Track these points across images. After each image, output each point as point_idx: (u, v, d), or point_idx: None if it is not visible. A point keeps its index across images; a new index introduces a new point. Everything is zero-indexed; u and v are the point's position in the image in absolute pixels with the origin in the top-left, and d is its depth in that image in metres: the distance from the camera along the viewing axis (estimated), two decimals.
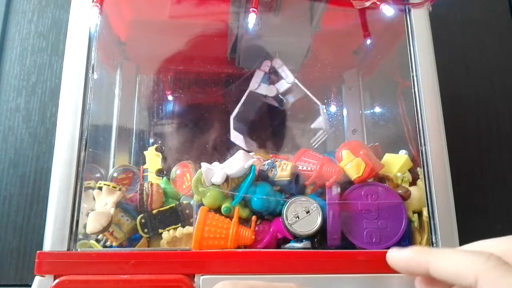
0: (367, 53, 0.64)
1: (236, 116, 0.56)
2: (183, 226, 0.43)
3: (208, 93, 0.65)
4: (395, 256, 0.32)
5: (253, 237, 0.40)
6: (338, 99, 0.67)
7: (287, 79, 0.58)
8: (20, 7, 0.72)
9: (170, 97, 0.66)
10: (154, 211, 0.44)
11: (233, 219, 0.41)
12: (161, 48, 0.63)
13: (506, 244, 0.28)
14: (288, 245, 0.41)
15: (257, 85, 0.58)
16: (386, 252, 0.39)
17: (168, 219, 0.44)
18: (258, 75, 0.58)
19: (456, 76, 0.72)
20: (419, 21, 0.47)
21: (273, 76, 0.59)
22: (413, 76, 0.45)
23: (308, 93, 0.58)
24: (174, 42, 0.62)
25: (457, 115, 0.69)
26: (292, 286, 0.30)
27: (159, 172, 0.51)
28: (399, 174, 0.44)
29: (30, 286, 0.37)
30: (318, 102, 0.57)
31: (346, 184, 0.43)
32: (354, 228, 0.41)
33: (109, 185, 0.45)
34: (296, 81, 0.58)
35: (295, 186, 0.44)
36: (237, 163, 0.42)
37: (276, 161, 0.44)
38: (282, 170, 0.43)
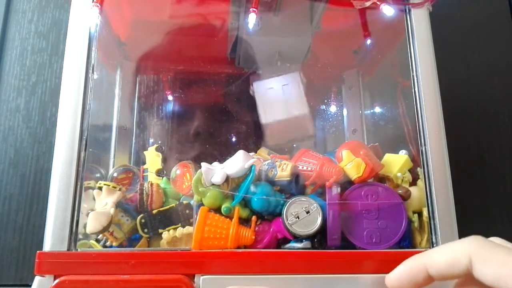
0: (367, 53, 0.64)
1: None
2: (183, 226, 0.43)
3: (208, 93, 0.65)
4: (394, 275, 0.33)
5: (253, 237, 0.40)
6: (338, 99, 0.67)
7: None
8: (20, 7, 0.72)
9: (170, 97, 0.66)
10: (154, 211, 0.44)
11: (233, 219, 0.41)
12: (161, 48, 0.63)
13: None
14: (288, 245, 0.41)
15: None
16: (386, 252, 0.39)
17: (168, 219, 0.44)
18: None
19: (456, 76, 0.72)
20: (419, 21, 0.47)
21: None
22: (413, 76, 0.45)
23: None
24: (174, 42, 0.62)
25: (457, 115, 0.69)
26: None
27: (159, 172, 0.51)
28: (399, 174, 0.44)
29: (30, 286, 0.37)
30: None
31: (346, 184, 0.43)
32: (354, 228, 0.41)
33: (109, 185, 0.45)
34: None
35: (295, 186, 0.43)
36: (237, 163, 0.42)
37: (276, 161, 0.44)
38: (282, 170, 0.43)
